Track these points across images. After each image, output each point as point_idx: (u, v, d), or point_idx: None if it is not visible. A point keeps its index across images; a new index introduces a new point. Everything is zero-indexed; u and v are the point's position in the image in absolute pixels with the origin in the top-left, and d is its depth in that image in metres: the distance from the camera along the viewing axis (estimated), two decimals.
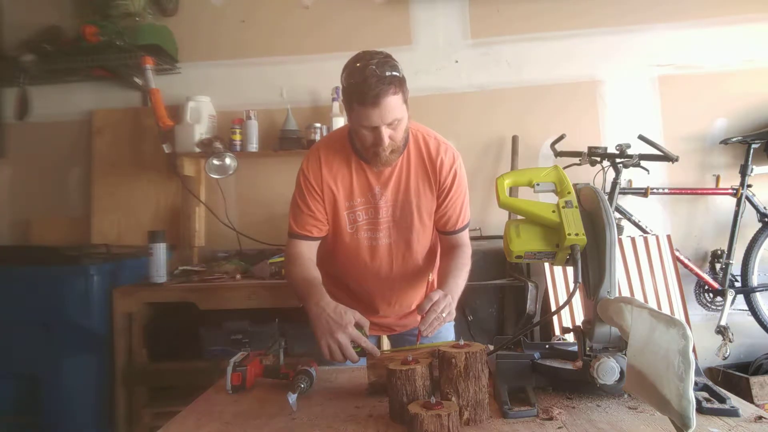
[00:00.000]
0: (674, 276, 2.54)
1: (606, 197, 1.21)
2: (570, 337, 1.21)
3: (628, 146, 2.51)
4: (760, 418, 0.91)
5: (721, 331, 2.48)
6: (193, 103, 2.81)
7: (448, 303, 1.33)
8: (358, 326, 1.27)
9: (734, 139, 2.70)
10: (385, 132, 1.35)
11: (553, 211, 1.04)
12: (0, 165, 3.10)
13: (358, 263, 1.55)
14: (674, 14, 2.86)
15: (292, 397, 1.03)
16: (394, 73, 1.33)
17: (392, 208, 1.51)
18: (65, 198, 3.05)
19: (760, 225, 2.67)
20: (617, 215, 2.64)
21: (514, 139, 2.85)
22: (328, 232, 1.55)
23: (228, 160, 2.69)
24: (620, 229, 2.64)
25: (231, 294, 2.37)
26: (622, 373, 0.95)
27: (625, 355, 0.93)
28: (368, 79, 1.29)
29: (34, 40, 2.86)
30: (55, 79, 2.99)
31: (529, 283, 2.48)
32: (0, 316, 2.28)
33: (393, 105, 1.32)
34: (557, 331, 2.40)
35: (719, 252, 2.76)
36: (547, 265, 2.53)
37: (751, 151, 2.66)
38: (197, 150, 2.74)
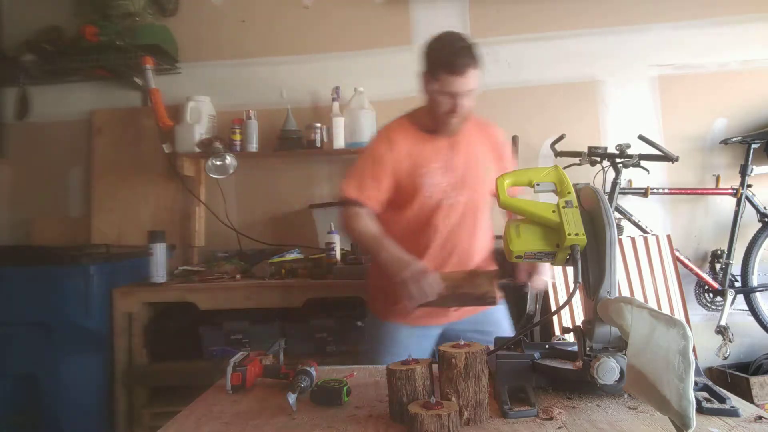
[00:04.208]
0: (674, 276, 2.54)
1: (606, 197, 1.21)
2: (570, 337, 1.21)
3: (628, 146, 2.51)
4: (760, 418, 0.91)
5: (721, 331, 2.47)
6: (193, 103, 2.80)
7: None
8: None
9: (734, 139, 2.70)
10: (462, 100, 1.55)
11: (553, 211, 1.04)
12: (0, 165, 3.10)
13: (431, 230, 1.63)
14: (674, 14, 2.85)
15: (292, 397, 1.03)
16: (477, 52, 1.55)
17: (463, 169, 1.65)
18: (65, 198, 3.04)
19: (760, 225, 2.67)
20: (617, 215, 2.63)
21: (514, 139, 2.84)
22: (396, 203, 1.65)
23: (228, 160, 2.69)
24: (620, 229, 2.63)
25: (231, 294, 2.37)
26: (622, 373, 0.95)
27: (625, 355, 0.93)
28: (459, 51, 1.51)
29: (34, 40, 2.86)
30: (55, 79, 2.99)
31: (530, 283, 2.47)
32: (0, 316, 2.28)
33: (474, 77, 1.54)
34: (557, 331, 2.40)
35: (719, 252, 2.75)
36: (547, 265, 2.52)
37: (751, 151, 2.66)
38: (197, 150, 2.74)
